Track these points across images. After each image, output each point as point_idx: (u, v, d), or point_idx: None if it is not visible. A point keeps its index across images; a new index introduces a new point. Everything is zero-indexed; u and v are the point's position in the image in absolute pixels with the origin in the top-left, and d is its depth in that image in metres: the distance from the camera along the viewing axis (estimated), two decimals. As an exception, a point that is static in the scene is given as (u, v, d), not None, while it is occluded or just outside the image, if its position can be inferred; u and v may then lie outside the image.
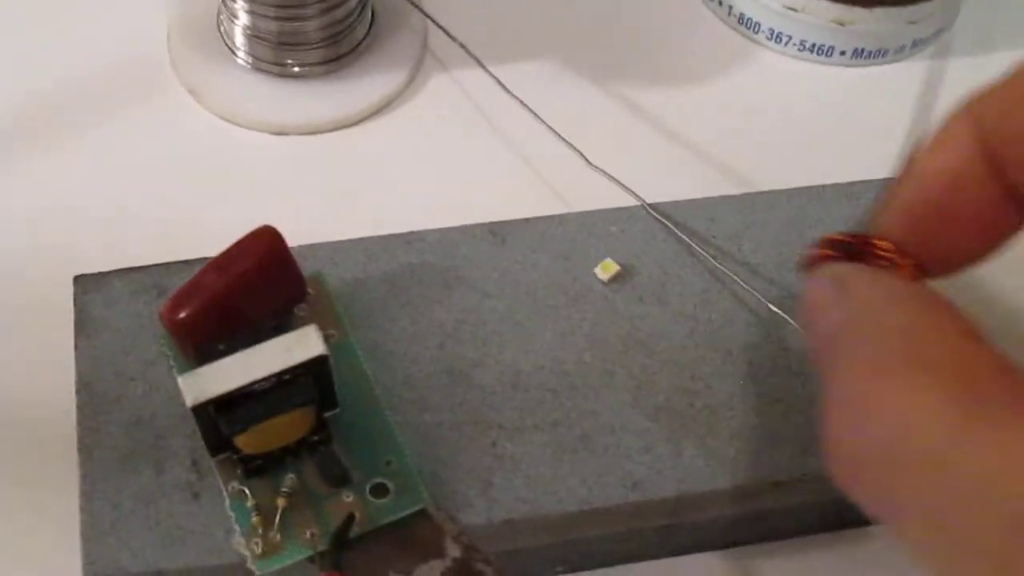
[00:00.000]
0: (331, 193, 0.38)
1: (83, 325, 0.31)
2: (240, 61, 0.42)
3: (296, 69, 0.41)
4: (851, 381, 0.22)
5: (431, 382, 0.31)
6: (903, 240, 0.25)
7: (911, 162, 0.25)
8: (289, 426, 0.28)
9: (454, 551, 0.28)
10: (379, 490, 0.28)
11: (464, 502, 0.29)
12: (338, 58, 0.42)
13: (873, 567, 0.32)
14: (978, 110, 0.24)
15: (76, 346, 0.31)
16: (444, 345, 0.31)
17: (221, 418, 0.27)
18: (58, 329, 0.32)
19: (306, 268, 0.31)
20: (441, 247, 0.33)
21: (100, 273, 0.32)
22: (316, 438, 0.28)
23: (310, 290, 0.31)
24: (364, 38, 0.42)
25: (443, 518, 0.28)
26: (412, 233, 0.33)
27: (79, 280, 0.32)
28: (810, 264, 0.27)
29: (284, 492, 0.28)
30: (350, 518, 0.28)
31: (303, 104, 0.41)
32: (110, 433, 0.30)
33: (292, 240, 0.30)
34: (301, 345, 0.27)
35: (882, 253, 0.26)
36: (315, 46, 0.41)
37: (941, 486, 0.20)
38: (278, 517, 0.28)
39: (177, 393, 0.30)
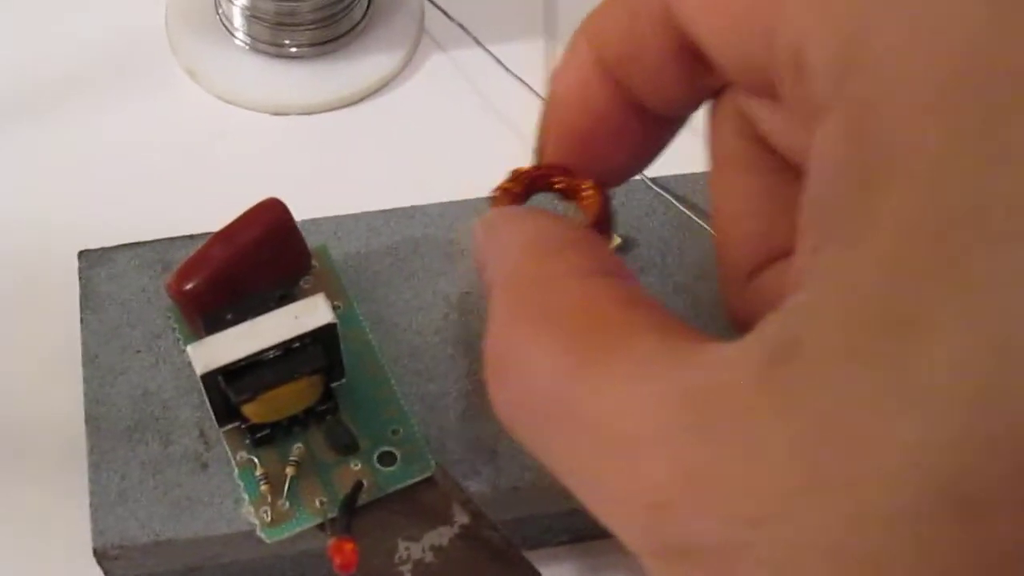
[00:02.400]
0: (331, 171, 0.39)
1: (88, 299, 0.31)
2: (238, 42, 0.42)
3: (294, 49, 0.41)
4: (491, 336, 0.21)
5: (436, 352, 0.31)
6: (561, 163, 0.25)
7: (550, 89, 0.25)
8: (297, 395, 0.28)
9: (462, 518, 0.28)
10: (387, 458, 0.29)
11: (471, 470, 0.29)
12: (336, 38, 0.42)
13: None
14: (590, 30, 0.24)
15: (82, 320, 0.31)
16: (448, 316, 0.32)
17: (230, 386, 0.27)
18: (64, 303, 0.32)
19: (310, 242, 0.31)
20: (443, 220, 0.33)
21: (105, 248, 0.32)
22: (323, 407, 0.29)
23: (314, 263, 0.31)
24: (361, 18, 0.42)
25: (450, 485, 0.29)
26: (414, 207, 0.34)
27: (84, 255, 0.32)
28: (493, 202, 0.26)
29: (292, 461, 0.28)
30: (359, 485, 0.28)
31: (301, 84, 0.41)
32: (117, 405, 0.30)
33: (294, 215, 0.30)
34: (309, 313, 0.27)
35: (555, 179, 0.26)
36: (312, 26, 0.41)
37: (564, 434, 0.19)
38: (287, 486, 0.28)
39: (184, 365, 0.30)
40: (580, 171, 0.25)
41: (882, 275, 0.16)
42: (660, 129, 0.25)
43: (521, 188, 0.26)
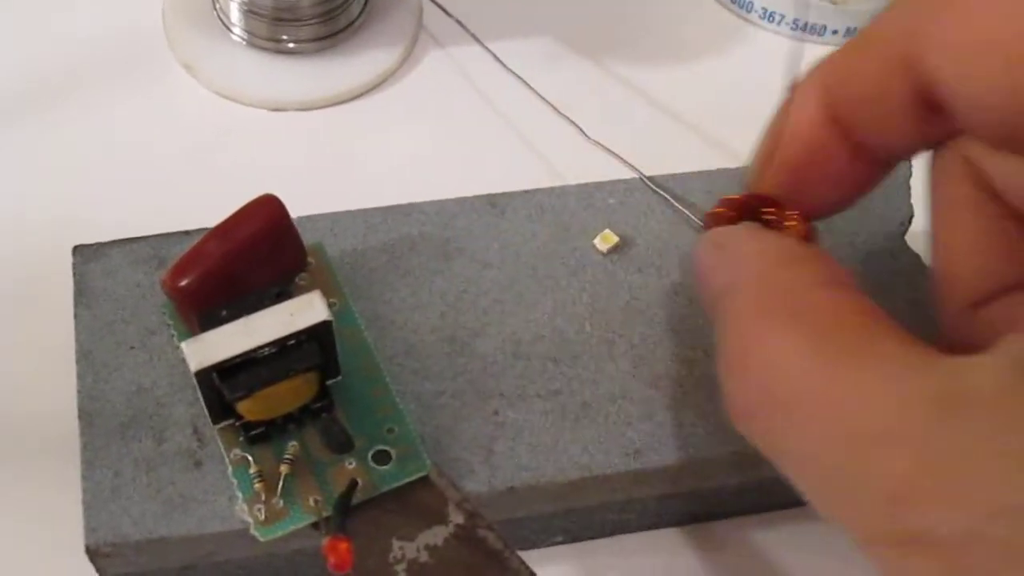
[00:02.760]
0: (328, 167, 0.38)
1: (83, 295, 0.31)
2: (235, 37, 0.41)
3: (291, 45, 0.41)
4: (734, 335, 0.23)
5: (432, 351, 0.31)
6: (770, 194, 0.28)
7: (770, 127, 0.27)
8: (292, 392, 0.28)
9: (457, 518, 0.28)
10: (381, 457, 0.28)
11: (466, 469, 0.29)
12: (333, 34, 0.42)
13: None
14: (821, 76, 0.26)
15: (76, 315, 0.31)
16: (445, 315, 0.31)
17: (224, 383, 0.27)
18: (58, 299, 0.32)
19: (306, 239, 0.31)
20: (440, 218, 0.33)
21: (99, 243, 0.32)
22: (318, 405, 0.28)
23: (310, 259, 0.31)
24: (359, 14, 0.42)
25: (446, 485, 0.28)
26: (411, 204, 0.33)
27: (78, 250, 0.32)
28: (708, 223, 0.29)
29: (287, 459, 0.28)
30: (353, 483, 0.28)
31: (299, 80, 0.41)
32: (111, 401, 0.30)
33: (290, 212, 0.30)
34: (305, 311, 0.27)
35: (765, 209, 0.28)
36: (310, 22, 0.41)
37: (808, 426, 0.21)
38: (281, 484, 0.28)
39: (178, 362, 0.30)
40: (788, 203, 0.28)
41: None
42: (874, 169, 0.27)
43: (735, 213, 0.28)
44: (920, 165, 0.28)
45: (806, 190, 0.27)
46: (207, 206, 0.30)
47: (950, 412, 0.19)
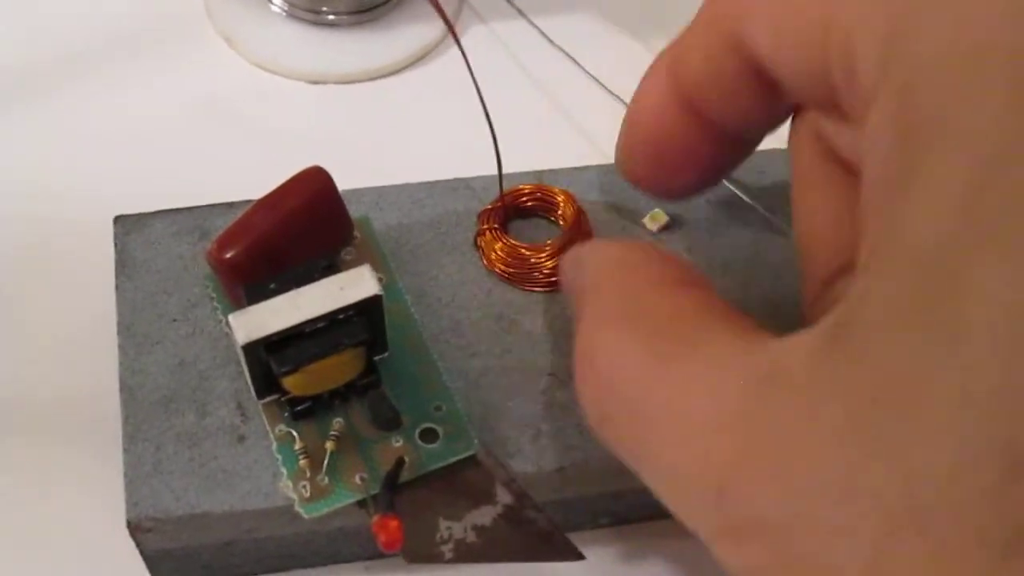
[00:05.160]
0: (370, 141, 0.38)
1: (124, 266, 0.31)
2: (275, 8, 0.41)
3: (331, 17, 0.41)
4: (580, 343, 0.23)
5: (479, 328, 0.30)
6: (636, 178, 0.28)
7: (627, 112, 0.27)
8: (339, 368, 0.27)
9: (505, 498, 0.27)
10: (429, 435, 0.28)
11: (514, 449, 0.28)
12: (374, 7, 0.41)
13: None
14: (667, 59, 0.26)
15: (117, 287, 0.30)
16: (492, 292, 0.31)
17: (272, 358, 0.26)
18: (99, 272, 0.31)
19: (351, 213, 0.30)
20: (487, 194, 0.32)
21: (141, 214, 0.32)
22: (365, 381, 0.28)
23: (356, 233, 0.31)
24: (401, -13, 0.41)
25: (494, 464, 0.28)
26: (458, 179, 0.33)
27: (120, 220, 0.31)
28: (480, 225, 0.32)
29: (332, 435, 0.27)
30: (400, 462, 0.27)
31: (339, 53, 0.40)
32: (152, 375, 0.29)
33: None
34: (355, 285, 0.27)
35: (525, 199, 0.32)
36: (351, -7, 0.40)
37: (649, 426, 0.21)
38: (326, 460, 0.27)
39: (220, 335, 0.29)
40: (654, 186, 0.28)
41: (923, 252, 0.17)
42: (734, 149, 0.27)
43: (499, 214, 0.32)
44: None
45: (665, 173, 0.28)
46: (247, 178, 0.30)
47: (767, 393, 0.19)
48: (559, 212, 0.32)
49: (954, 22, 0.18)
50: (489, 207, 0.32)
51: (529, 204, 0.32)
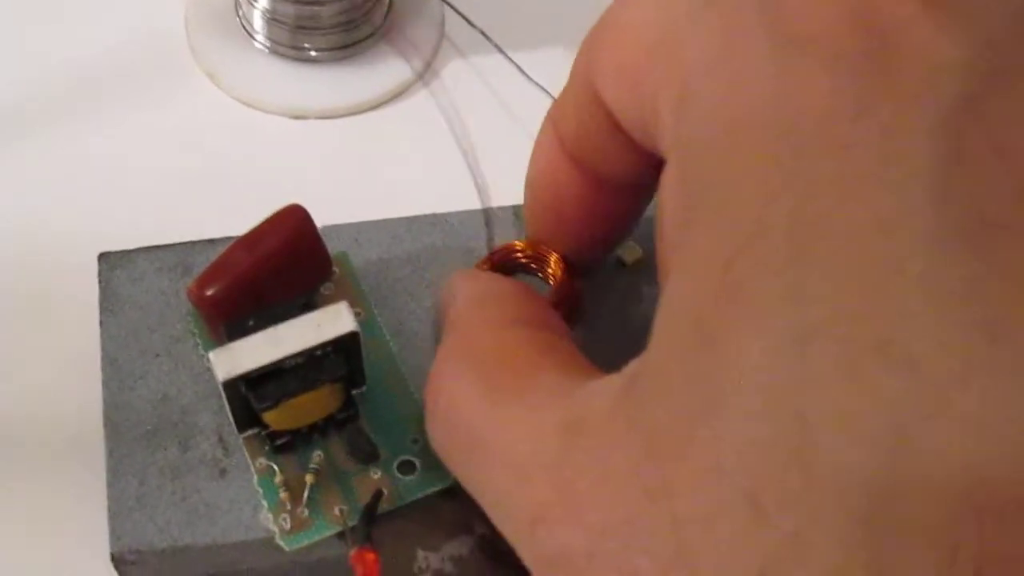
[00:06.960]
0: (350, 177, 0.39)
1: (108, 302, 0.31)
2: (258, 45, 0.42)
3: (313, 53, 0.41)
4: (431, 373, 0.25)
5: (456, 362, 0.31)
6: (541, 239, 0.29)
7: (527, 169, 0.28)
8: (318, 402, 0.28)
9: (482, 528, 0.28)
10: (406, 467, 0.28)
11: (490, 480, 0.29)
12: (356, 43, 0.42)
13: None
14: (552, 114, 0.27)
15: (101, 323, 0.31)
16: (469, 325, 0.31)
17: (252, 393, 0.27)
18: (83, 307, 0.32)
19: (330, 248, 0.31)
20: (465, 229, 0.33)
21: (125, 251, 0.32)
22: (344, 415, 0.28)
23: (335, 269, 0.31)
24: (382, 23, 0.42)
25: (470, 496, 0.28)
26: (436, 215, 0.33)
27: (104, 257, 0.32)
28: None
29: (312, 469, 0.28)
30: (378, 494, 0.28)
31: (321, 88, 0.41)
32: (136, 409, 0.30)
33: (314, 220, 0.30)
34: (332, 321, 0.27)
35: (518, 255, 0.31)
36: (333, 30, 0.41)
37: (481, 464, 0.23)
38: (306, 493, 0.28)
39: (203, 370, 0.30)
40: (556, 245, 0.29)
41: (689, 317, 0.19)
42: (627, 200, 0.27)
43: (489, 267, 0.31)
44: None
45: (568, 230, 0.28)
46: (230, 214, 0.30)
47: (574, 436, 0.20)
48: (549, 271, 0.31)
49: (725, 90, 0.19)
50: (482, 260, 0.32)
51: (522, 260, 0.31)
